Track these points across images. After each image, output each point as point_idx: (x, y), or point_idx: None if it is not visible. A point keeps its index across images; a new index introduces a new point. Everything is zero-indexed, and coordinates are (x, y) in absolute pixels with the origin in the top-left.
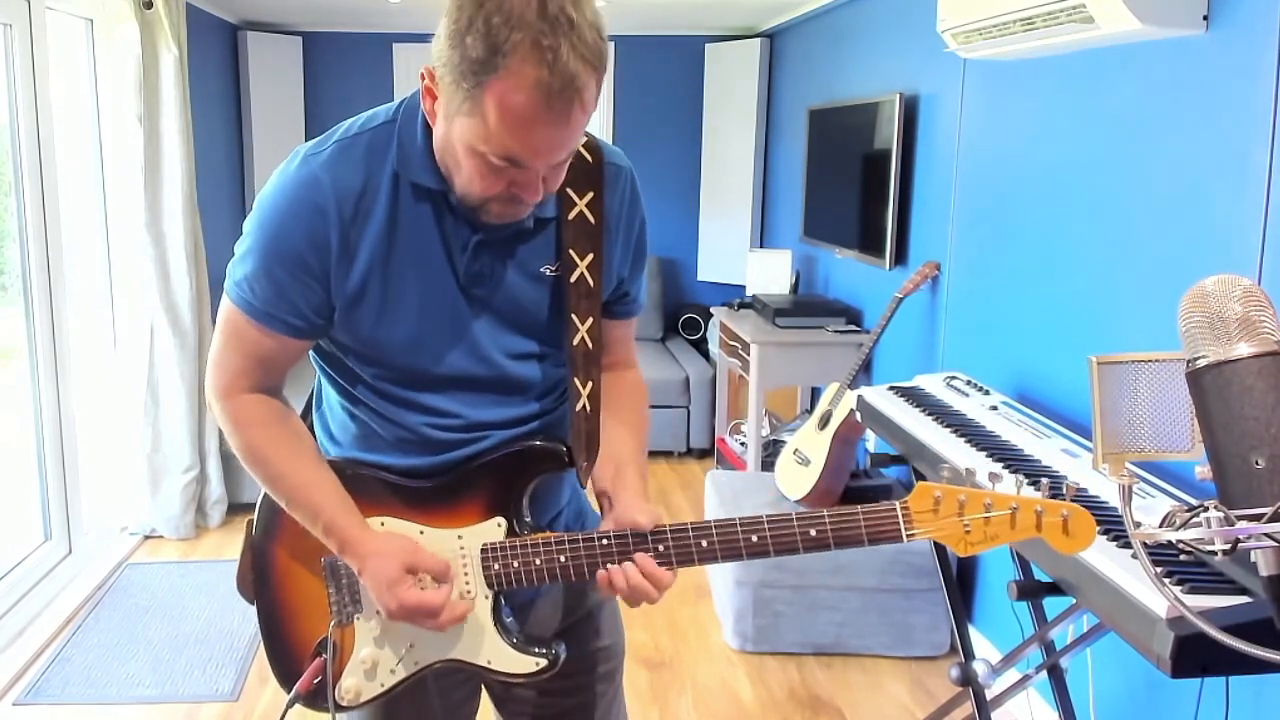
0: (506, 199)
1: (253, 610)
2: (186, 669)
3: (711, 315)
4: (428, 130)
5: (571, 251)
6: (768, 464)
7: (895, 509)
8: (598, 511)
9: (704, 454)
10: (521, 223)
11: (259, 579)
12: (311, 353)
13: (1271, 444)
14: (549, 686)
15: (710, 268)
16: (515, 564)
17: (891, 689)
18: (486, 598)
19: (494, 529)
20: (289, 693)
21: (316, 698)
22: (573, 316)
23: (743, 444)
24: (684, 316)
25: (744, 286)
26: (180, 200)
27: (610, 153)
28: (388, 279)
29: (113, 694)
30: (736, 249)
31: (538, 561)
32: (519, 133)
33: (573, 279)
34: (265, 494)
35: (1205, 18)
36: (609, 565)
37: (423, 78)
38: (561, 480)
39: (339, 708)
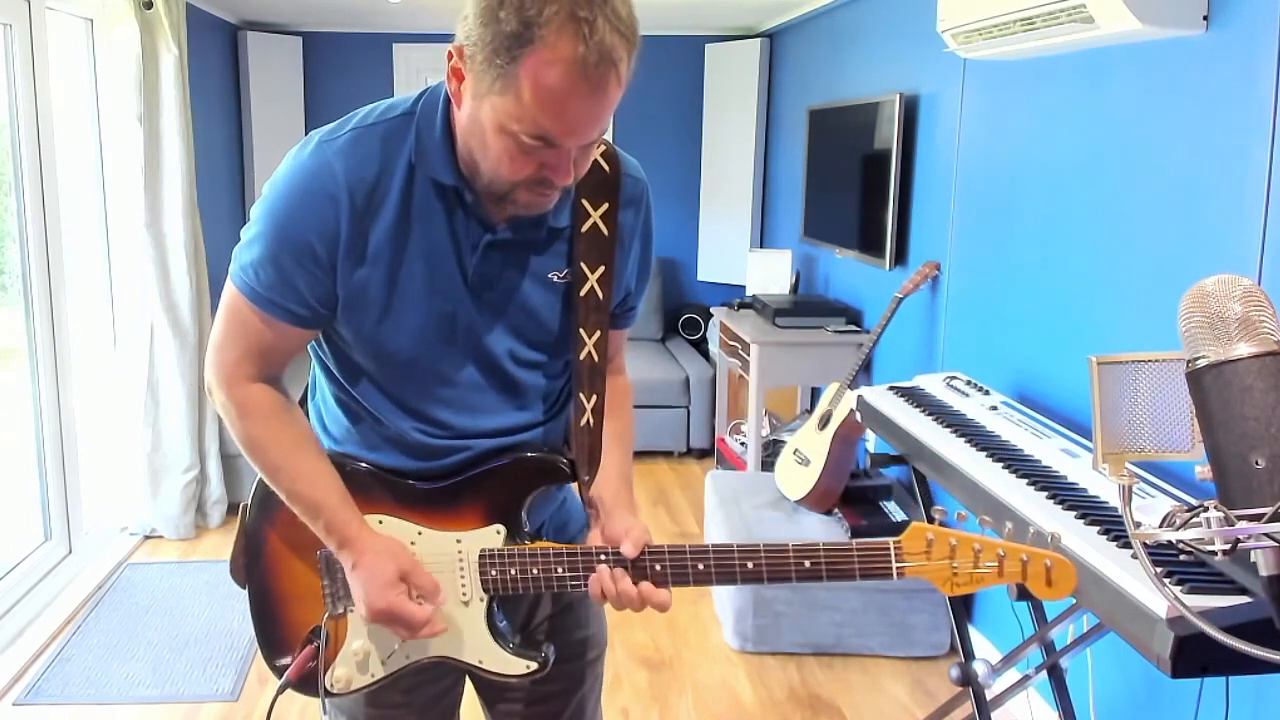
0: (535, 183)
1: None
2: (186, 669)
3: (711, 315)
4: (447, 124)
5: (583, 264)
6: (768, 464)
7: (888, 547)
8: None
9: (704, 454)
10: (536, 231)
11: (251, 563)
12: (310, 346)
13: (1271, 444)
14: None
15: (710, 268)
16: (512, 571)
17: (891, 689)
18: (481, 600)
19: (493, 535)
20: (277, 675)
21: (307, 683)
22: (580, 331)
23: (743, 444)
24: (684, 316)
25: (744, 286)
26: (180, 200)
27: (628, 164)
28: (395, 273)
29: (113, 694)
30: (736, 249)
31: (534, 571)
32: (554, 108)
33: (583, 293)
34: (260, 482)
35: (1205, 18)
36: (599, 570)
37: (450, 57)
38: (561, 504)
39: (329, 694)
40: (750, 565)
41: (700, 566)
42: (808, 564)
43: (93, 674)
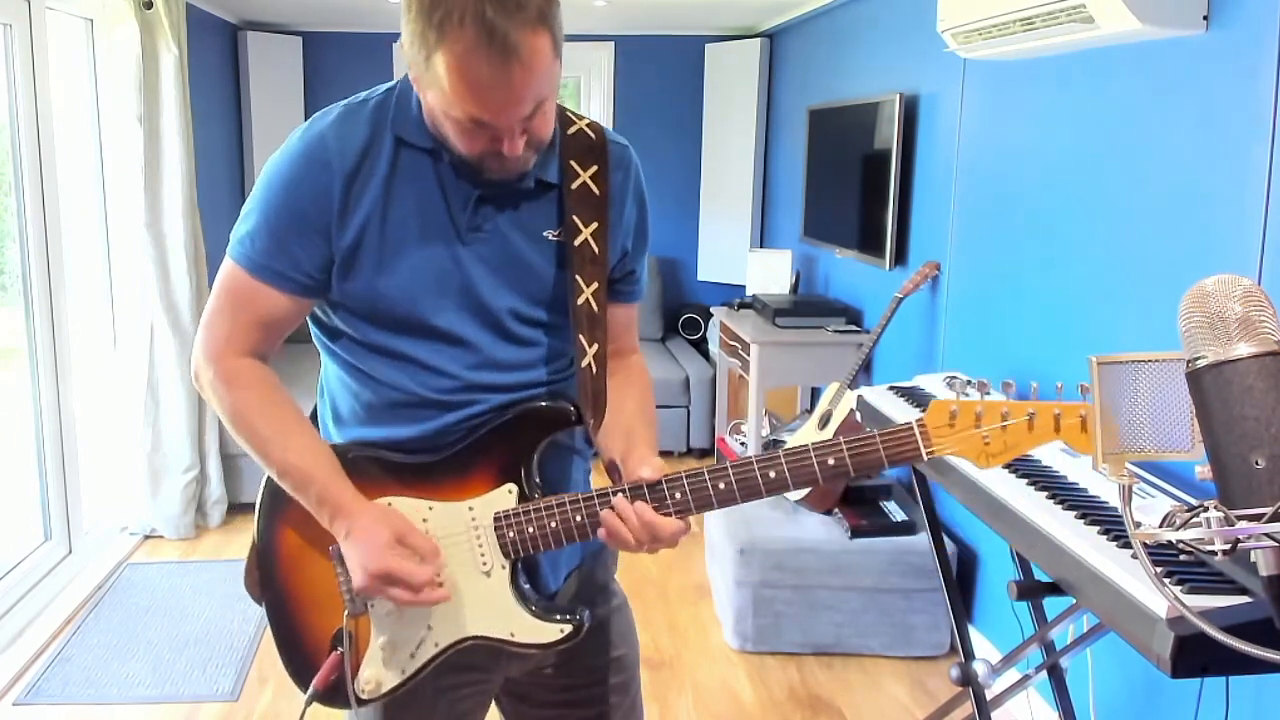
0: (495, 154)
1: (253, 610)
2: (186, 669)
3: (711, 315)
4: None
5: (575, 218)
6: None
7: (912, 427)
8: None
9: (704, 454)
10: (522, 182)
11: (265, 577)
12: (311, 324)
13: (1271, 444)
14: (560, 699)
15: (710, 268)
16: (530, 529)
17: (891, 689)
18: (504, 567)
19: (505, 496)
20: (304, 691)
21: (335, 693)
22: (577, 278)
23: (743, 444)
24: (684, 316)
25: (744, 286)
26: (180, 200)
27: (612, 134)
28: (386, 229)
29: (113, 694)
30: (736, 249)
31: (552, 524)
32: (469, 94)
33: (576, 243)
34: (265, 491)
35: (1205, 18)
36: (615, 503)
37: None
38: (571, 462)
39: (360, 701)
40: (773, 474)
41: (721, 485)
42: (831, 460)
43: (93, 674)
